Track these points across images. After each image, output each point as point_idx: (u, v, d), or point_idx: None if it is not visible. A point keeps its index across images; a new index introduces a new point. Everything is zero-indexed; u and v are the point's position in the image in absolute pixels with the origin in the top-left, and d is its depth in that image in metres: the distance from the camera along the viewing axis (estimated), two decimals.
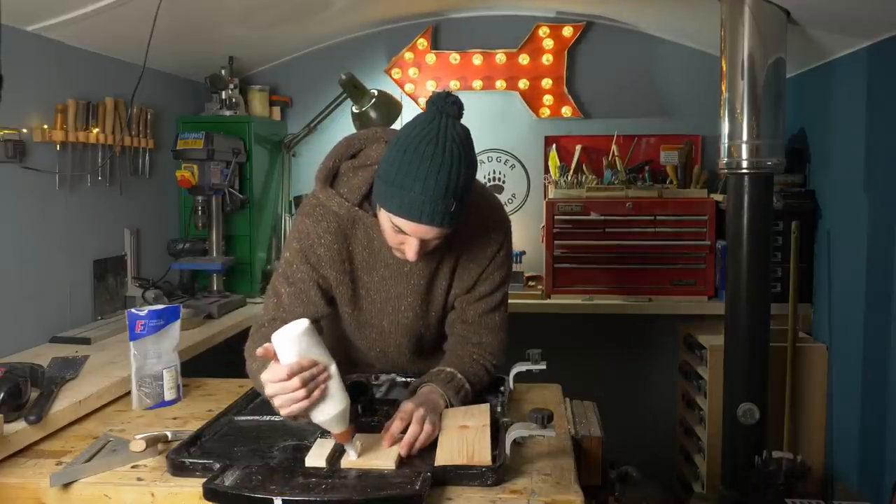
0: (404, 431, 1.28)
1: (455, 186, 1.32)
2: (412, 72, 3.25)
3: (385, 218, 1.40)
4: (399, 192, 1.33)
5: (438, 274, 1.56)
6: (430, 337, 1.66)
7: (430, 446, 1.29)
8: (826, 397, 2.61)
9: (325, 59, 3.29)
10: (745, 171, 2.24)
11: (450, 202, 1.32)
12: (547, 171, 3.20)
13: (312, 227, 1.52)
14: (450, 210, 1.33)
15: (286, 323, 1.27)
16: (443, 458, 1.23)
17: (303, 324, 1.19)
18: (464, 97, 1.41)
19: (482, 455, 1.22)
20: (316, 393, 1.19)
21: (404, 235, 1.38)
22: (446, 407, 1.42)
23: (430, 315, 1.61)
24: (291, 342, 1.18)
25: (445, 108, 1.34)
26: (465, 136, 1.35)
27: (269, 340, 1.24)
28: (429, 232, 1.36)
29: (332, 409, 1.21)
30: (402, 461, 1.24)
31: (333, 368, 1.22)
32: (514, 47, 3.20)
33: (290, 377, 1.17)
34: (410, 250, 1.39)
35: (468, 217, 1.47)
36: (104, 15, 2.11)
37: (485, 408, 1.42)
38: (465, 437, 1.29)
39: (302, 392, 1.18)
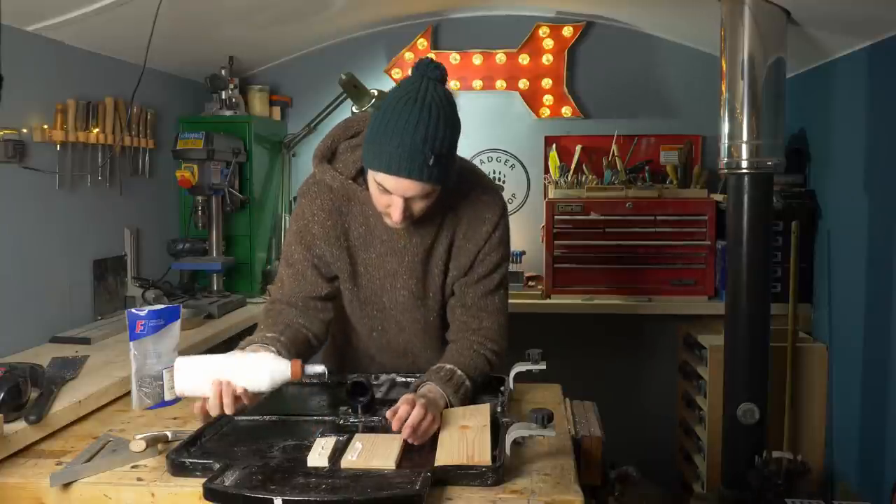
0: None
1: (432, 141, 1.35)
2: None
3: (371, 181, 1.43)
4: (378, 149, 1.37)
5: (433, 253, 1.58)
6: (432, 324, 1.67)
7: (431, 446, 1.29)
8: (826, 397, 2.61)
9: (325, 59, 3.29)
10: (745, 171, 2.24)
11: (427, 155, 1.35)
12: (547, 171, 3.20)
13: (308, 205, 1.58)
14: (428, 163, 1.36)
15: (286, 304, 1.58)
16: (443, 457, 1.23)
17: (175, 361, 1.34)
18: (464, 97, 1.43)
19: (482, 455, 1.22)
20: (227, 400, 1.29)
21: (389, 196, 1.41)
22: (446, 406, 1.42)
23: (427, 297, 1.62)
24: (183, 376, 1.32)
25: (428, 71, 1.40)
26: (445, 96, 1.40)
27: (273, 319, 1.54)
28: (409, 187, 1.38)
29: (263, 380, 1.32)
30: (401, 461, 1.24)
31: (230, 361, 1.33)
32: (514, 47, 3.20)
33: (205, 411, 1.31)
34: (396, 211, 1.41)
35: (462, 194, 1.52)
36: (104, 15, 2.11)
37: (485, 408, 1.42)
38: (465, 437, 1.29)
39: (228, 408, 1.29)
